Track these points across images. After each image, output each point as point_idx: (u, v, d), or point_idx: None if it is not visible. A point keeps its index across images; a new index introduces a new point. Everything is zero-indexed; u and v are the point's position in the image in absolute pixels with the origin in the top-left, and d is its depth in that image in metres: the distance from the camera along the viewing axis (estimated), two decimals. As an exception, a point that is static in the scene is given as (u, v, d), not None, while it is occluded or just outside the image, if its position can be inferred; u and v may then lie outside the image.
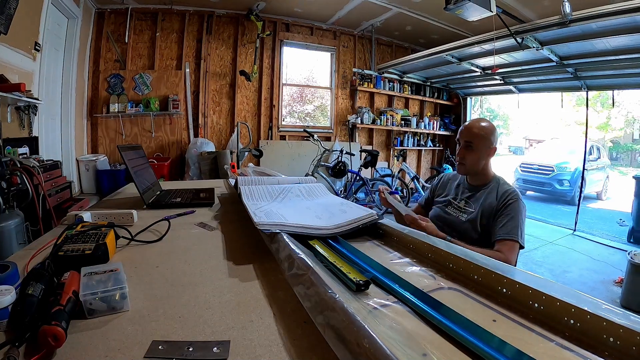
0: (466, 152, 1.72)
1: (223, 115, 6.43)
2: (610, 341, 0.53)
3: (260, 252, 1.00)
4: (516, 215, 1.57)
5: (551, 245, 5.04)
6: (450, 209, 1.80)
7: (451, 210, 1.79)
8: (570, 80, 5.66)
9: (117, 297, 0.66)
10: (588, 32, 4.03)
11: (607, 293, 3.48)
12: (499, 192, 1.67)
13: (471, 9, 3.58)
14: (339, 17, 6.49)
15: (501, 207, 1.62)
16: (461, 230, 1.68)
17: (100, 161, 5.27)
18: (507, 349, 0.53)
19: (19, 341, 0.54)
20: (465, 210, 1.73)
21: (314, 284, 0.65)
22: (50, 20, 4.17)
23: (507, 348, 0.53)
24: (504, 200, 1.62)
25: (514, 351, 0.53)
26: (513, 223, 1.55)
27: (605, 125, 15.39)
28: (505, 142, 21.89)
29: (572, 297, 0.61)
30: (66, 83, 4.89)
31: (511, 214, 1.58)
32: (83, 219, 1.15)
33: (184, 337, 0.59)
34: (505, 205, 1.61)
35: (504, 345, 0.54)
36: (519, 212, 1.59)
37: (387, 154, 7.86)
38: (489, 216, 1.63)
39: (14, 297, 0.62)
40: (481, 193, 1.72)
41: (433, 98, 8.09)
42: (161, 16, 5.89)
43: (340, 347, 0.50)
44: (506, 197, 1.63)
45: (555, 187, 8.62)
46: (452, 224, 1.74)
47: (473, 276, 0.80)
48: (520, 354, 0.52)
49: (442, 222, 1.78)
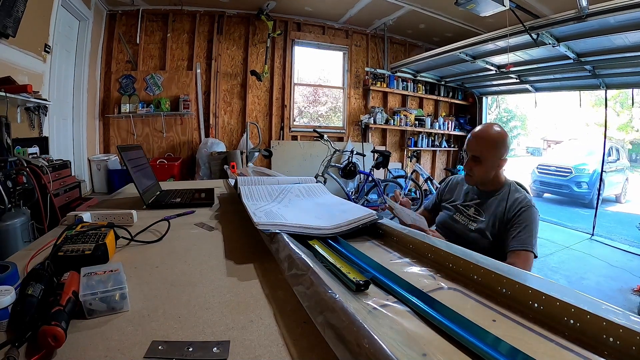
0: (474, 165, 1.63)
1: (234, 115, 6.45)
2: (610, 341, 0.53)
3: (260, 252, 1.00)
4: (530, 224, 1.49)
5: (568, 250, 4.91)
6: (459, 217, 1.71)
7: (459, 217, 1.71)
8: (588, 78, 5.53)
9: (117, 298, 0.66)
10: (606, 27, 3.91)
11: (625, 302, 3.36)
12: (509, 200, 1.58)
13: (483, 4, 3.52)
14: (351, 15, 6.46)
15: (512, 217, 1.53)
16: (469, 239, 1.61)
17: (111, 161, 5.35)
18: (506, 348, 0.53)
19: (19, 341, 0.54)
20: (474, 218, 1.65)
21: (314, 284, 0.65)
22: (61, 22, 4.23)
23: (505, 347, 0.53)
24: (515, 209, 1.54)
25: (513, 351, 0.53)
26: (526, 233, 1.48)
27: (626, 125, 15.03)
28: (523, 143, 21.66)
29: (572, 297, 0.61)
30: (77, 84, 4.97)
31: (524, 223, 1.50)
32: (83, 219, 1.16)
33: (184, 337, 0.59)
34: (516, 214, 1.53)
35: (503, 344, 0.54)
36: (532, 220, 1.51)
37: (401, 154, 7.80)
38: (500, 226, 1.56)
39: (14, 297, 0.62)
40: (492, 200, 1.63)
41: (448, 97, 8.00)
42: (172, 17, 5.94)
43: (340, 347, 0.50)
44: (517, 205, 1.55)
45: (573, 189, 8.49)
46: (460, 233, 1.67)
47: (473, 276, 0.79)
48: (522, 354, 0.52)
49: (449, 229, 1.72)
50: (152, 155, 5.79)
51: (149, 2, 5.67)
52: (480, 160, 1.60)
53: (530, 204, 1.55)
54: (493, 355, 0.51)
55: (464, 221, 1.68)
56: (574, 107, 16.62)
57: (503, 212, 1.56)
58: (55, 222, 2.64)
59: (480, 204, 1.66)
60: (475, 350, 0.53)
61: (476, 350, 0.53)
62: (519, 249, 1.45)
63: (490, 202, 1.63)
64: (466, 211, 1.70)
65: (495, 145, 1.59)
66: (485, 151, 1.59)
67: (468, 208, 1.70)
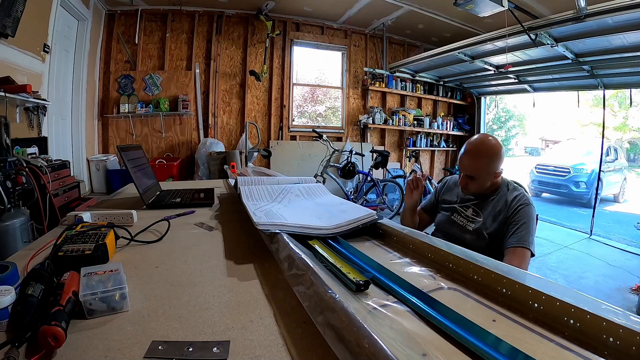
0: (469, 181, 1.62)
1: (233, 115, 6.44)
2: (610, 341, 0.53)
3: (260, 252, 1.00)
4: (528, 222, 1.50)
5: (566, 249, 4.93)
6: (457, 217, 1.72)
7: (457, 218, 1.71)
8: (586, 78, 5.54)
9: (117, 298, 0.66)
10: (604, 27, 3.92)
11: (624, 301, 3.37)
12: (508, 198, 1.59)
13: (482, 4, 3.52)
14: (350, 15, 6.46)
15: (510, 215, 1.54)
16: (468, 240, 1.61)
17: (110, 161, 5.35)
18: (506, 348, 0.53)
19: (19, 341, 0.54)
20: (473, 219, 1.65)
21: (314, 284, 0.65)
22: (60, 22, 4.23)
23: (505, 347, 0.53)
24: (514, 207, 1.54)
25: (513, 351, 0.53)
26: (524, 230, 1.48)
27: (623, 125, 15.05)
28: (522, 143, 21.66)
29: (571, 297, 0.61)
30: (77, 84, 4.97)
31: (522, 220, 1.50)
32: (83, 219, 1.16)
33: (184, 338, 0.59)
34: (515, 212, 1.53)
35: (503, 344, 0.54)
36: (530, 217, 1.51)
37: (400, 154, 7.81)
38: (498, 225, 1.56)
39: (14, 297, 0.62)
40: (489, 201, 1.64)
41: (446, 97, 8.01)
42: (171, 17, 5.93)
43: (340, 347, 0.50)
44: (516, 203, 1.55)
45: (572, 189, 8.52)
46: (458, 233, 1.67)
47: (473, 276, 0.79)
48: (522, 354, 0.52)
49: (448, 230, 1.72)
50: (151, 155, 5.78)
51: (148, 2, 5.67)
52: (474, 178, 1.60)
53: (528, 202, 1.55)
54: (493, 355, 0.51)
55: (462, 222, 1.68)
56: (572, 107, 16.71)
57: (501, 211, 1.57)
58: (54, 222, 2.64)
59: (479, 205, 1.66)
60: (475, 350, 0.53)
61: (476, 350, 0.53)
62: (516, 246, 1.46)
63: (487, 202, 1.64)
64: (464, 212, 1.70)
65: (488, 163, 1.58)
66: (478, 170, 1.59)
67: (466, 209, 1.70)
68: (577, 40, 4.36)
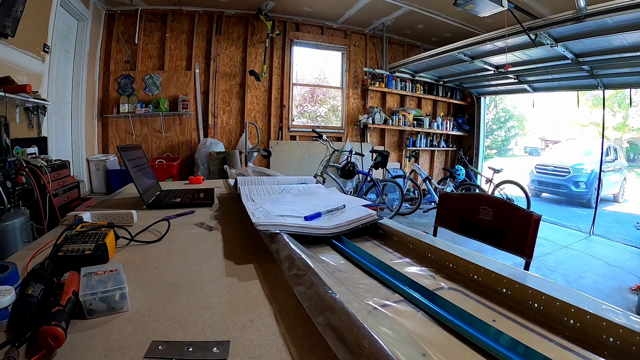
0: None
1: (233, 115, 6.44)
2: (610, 341, 0.54)
3: (260, 252, 1.00)
4: None
5: (566, 249, 4.93)
6: None
7: None
8: (586, 78, 5.55)
9: (117, 298, 0.66)
10: (604, 27, 3.93)
11: (623, 301, 3.38)
12: None
13: (482, 4, 3.52)
14: (349, 16, 6.47)
15: None
16: None
17: (110, 161, 5.34)
18: (507, 340, 0.53)
19: (19, 341, 0.54)
20: None
21: (314, 284, 0.66)
22: (60, 22, 4.23)
23: (506, 339, 0.53)
24: None
25: (513, 343, 0.53)
26: None
27: (622, 125, 15.05)
28: (521, 143, 21.63)
29: (571, 297, 0.61)
30: (76, 84, 4.97)
31: None
32: (83, 219, 1.15)
33: (184, 338, 0.59)
34: None
35: (504, 336, 0.54)
36: None
37: (399, 154, 7.81)
38: None
39: (14, 297, 0.62)
40: None
41: (446, 98, 8.01)
42: (171, 17, 5.93)
43: (340, 347, 0.50)
44: None
45: (571, 189, 8.52)
46: None
47: (473, 276, 0.80)
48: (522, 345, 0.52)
49: None
50: (150, 155, 5.78)
51: (147, 2, 5.67)
52: None
53: None
54: (495, 347, 0.52)
55: None
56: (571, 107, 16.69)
57: None
58: (54, 222, 2.64)
59: None
60: (477, 343, 0.54)
61: (478, 342, 0.54)
62: None
63: None
64: None
65: None
66: None
67: None
68: (576, 40, 4.37)
